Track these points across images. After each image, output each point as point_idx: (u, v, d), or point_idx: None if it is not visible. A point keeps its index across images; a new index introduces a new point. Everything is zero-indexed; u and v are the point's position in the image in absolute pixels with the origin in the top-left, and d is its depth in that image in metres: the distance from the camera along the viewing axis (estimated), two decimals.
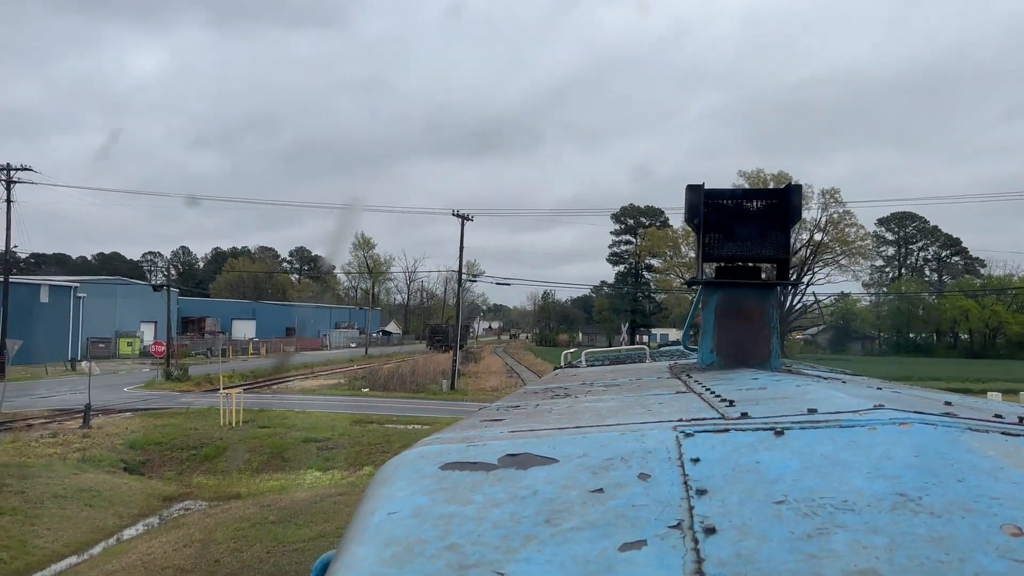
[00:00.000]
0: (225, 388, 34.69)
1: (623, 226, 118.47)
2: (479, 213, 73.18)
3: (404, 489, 1.31)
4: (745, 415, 1.68)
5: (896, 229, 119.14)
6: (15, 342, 28.39)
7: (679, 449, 1.39)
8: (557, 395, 3.11)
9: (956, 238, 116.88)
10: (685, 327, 4.92)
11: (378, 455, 23.68)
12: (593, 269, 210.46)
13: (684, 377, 3.22)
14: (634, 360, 6.32)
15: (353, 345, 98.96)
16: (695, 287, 3.91)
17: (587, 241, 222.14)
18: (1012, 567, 0.87)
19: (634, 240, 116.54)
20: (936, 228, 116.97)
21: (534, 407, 2.55)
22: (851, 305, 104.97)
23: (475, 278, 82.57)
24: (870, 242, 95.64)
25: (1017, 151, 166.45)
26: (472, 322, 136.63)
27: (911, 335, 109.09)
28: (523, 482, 1.29)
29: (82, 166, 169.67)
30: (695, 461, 1.32)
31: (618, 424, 1.75)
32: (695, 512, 1.10)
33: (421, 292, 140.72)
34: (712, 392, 2.37)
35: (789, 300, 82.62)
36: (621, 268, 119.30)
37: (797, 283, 66.39)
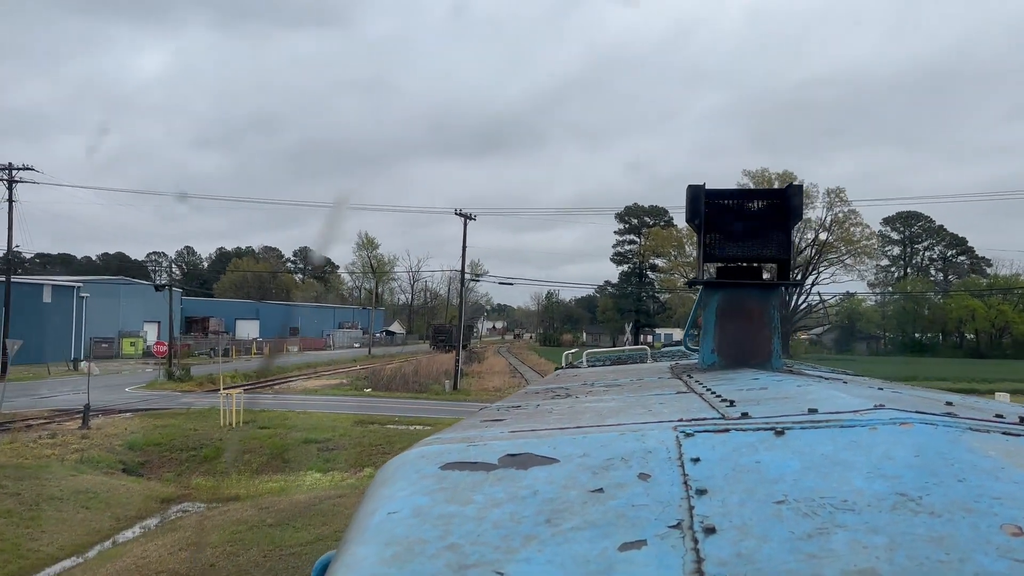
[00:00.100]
0: (225, 388, 34.55)
1: (627, 226, 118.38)
2: (482, 212, 73.16)
3: (404, 489, 1.31)
4: (745, 415, 1.68)
5: (901, 228, 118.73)
6: (15, 342, 28.26)
7: (679, 449, 1.39)
8: (558, 395, 3.10)
9: (962, 237, 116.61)
10: (686, 327, 4.94)
11: (379, 456, 23.50)
12: (597, 269, 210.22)
13: (685, 377, 3.22)
14: (635, 360, 6.32)
15: (357, 345, 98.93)
16: (697, 287, 3.96)
17: (591, 241, 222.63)
18: (1013, 567, 0.87)
19: (638, 240, 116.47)
20: (942, 227, 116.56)
21: (535, 407, 2.55)
22: (856, 305, 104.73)
23: (478, 278, 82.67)
24: (875, 241, 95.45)
25: (1020, 151, 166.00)
26: (476, 322, 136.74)
27: (917, 335, 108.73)
28: (523, 482, 1.29)
29: (87, 167, 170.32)
30: (695, 461, 1.32)
31: (618, 424, 1.75)
32: (695, 512, 1.11)
33: (425, 292, 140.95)
34: (713, 392, 2.37)
35: (794, 300, 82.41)
36: (625, 268, 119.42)
37: (798, 283, 66.20)
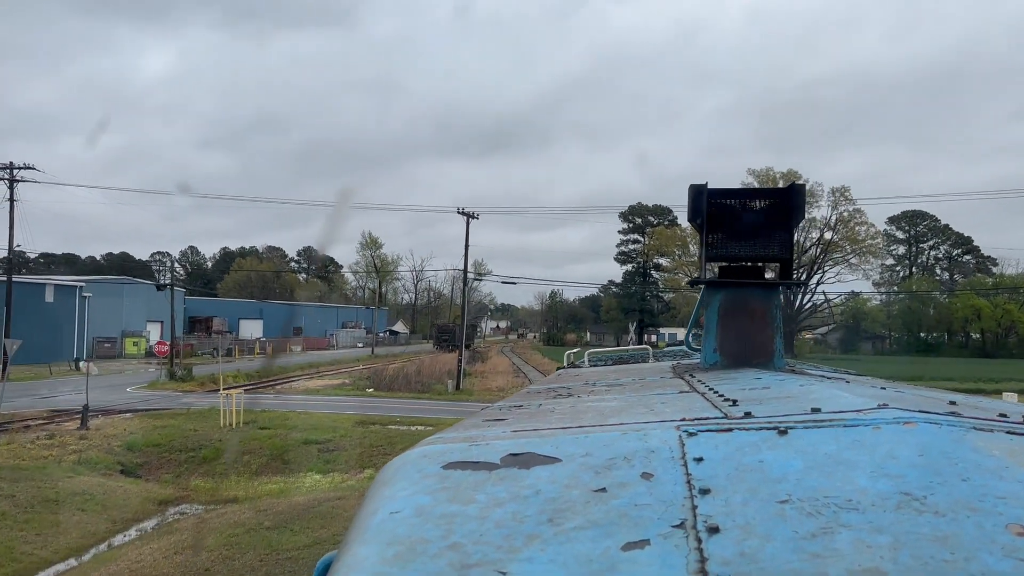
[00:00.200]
0: (226, 388, 34.36)
1: (631, 225, 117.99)
2: (485, 212, 72.93)
3: (406, 488, 1.30)
4: (748, 414, 1.67)
5: (907, 228, 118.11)
6: (14, 342, 28.05)
7: (682, 448, 1.38)
8: (560, 395, 3.07)
9: (967, 237, 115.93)
10: (689, 327, 4.89)
11: (379, 457, 23.27)
12: (601, 268, 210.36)
13: (687, 377, 3.19)
14: (637, 360, 6.29)
15: (360, 345, 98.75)
16: (699, 287, 3.90)
17: (595, 240, 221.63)
18: (1017, 566, 0.87)
19: (642, 239, 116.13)
20: (947, 226, 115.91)
21: (537, 407, 2.53)
22: (861, 304, 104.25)
23: (481, 277, 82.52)
24: (880, 241, 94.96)
25: None
26: (479, 322, 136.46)
27: (922, 334, 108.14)
28: (526, 481, 1.28)
29: (92, 167, 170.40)
30: (698, 460, 1.31)
31: (621, 423, 1.73)
32: (698, 511, 1.10)
33: (428, 291, 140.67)
34: (715, 392, 2.35)
35: (799, 300, 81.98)
36: (629, 267, 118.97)
37: (801, 283, 65.91)
